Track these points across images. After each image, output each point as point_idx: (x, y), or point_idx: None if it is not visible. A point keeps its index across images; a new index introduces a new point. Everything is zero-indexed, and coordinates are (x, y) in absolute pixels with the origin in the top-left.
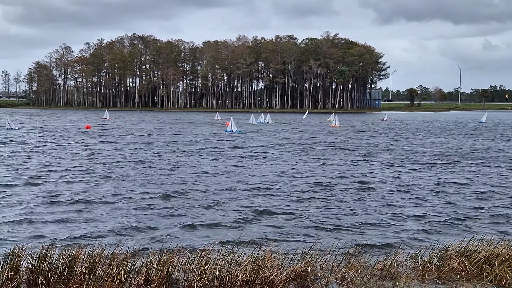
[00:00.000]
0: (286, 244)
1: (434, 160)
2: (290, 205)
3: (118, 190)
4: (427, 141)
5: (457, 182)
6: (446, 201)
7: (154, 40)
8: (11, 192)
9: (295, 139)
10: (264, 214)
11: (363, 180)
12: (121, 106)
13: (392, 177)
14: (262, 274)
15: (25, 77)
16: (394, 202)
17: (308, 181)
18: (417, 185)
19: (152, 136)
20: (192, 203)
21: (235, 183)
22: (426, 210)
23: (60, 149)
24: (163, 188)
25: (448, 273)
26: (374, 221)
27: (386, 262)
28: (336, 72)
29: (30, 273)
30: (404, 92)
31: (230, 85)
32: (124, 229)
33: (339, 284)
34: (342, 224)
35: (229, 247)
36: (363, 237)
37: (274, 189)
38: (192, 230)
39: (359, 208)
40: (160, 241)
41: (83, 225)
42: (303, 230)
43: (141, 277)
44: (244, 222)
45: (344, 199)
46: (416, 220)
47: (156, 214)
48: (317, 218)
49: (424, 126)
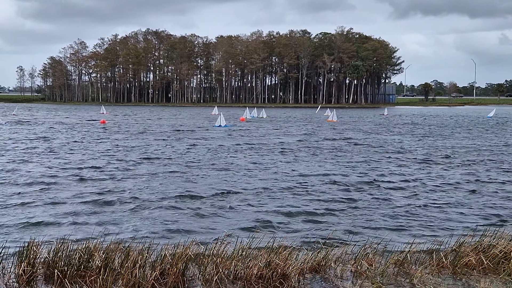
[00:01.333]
0: (301, 239)
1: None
2: (303, 200)
3: (133, 186)
4: (415, 140)
5: (474, 179)
6: (462, 196)
7: (168, 35)
8: (22, 190)
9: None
10: (278, 208)
11: (375, 175)
12: (135, 101)
13: (402, 173)
14: (277, 268)
15: (40, 73)
16: (409, 198)
17: (322, 178)
18: (431, 181)
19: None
20: (205, 198)
21: (248, 179)
22: (442, 205)
23: (79, 145)
24: (175, 184)
25: (464, 268)
26: (389, 216)
27: (401, 256)
28: (350, 67)
29: (46, 267)
30: (418, 86)
31: (244, 80)
32: (139, 223)
33: (353, 277)
34: (356, 219)
35: (243, 241)
36: (378, 231)
37: (287, 185)
38: (205, 224)
39: (373, 203)
40: (174, 235)
41: (99, 219)
42: (317, 224)
43: (157, 271)
44: (257, 216)
45: (358, 195)
46: (432, 215)
47: (170, 208)
48: (331, 212)
49: (421, 120)
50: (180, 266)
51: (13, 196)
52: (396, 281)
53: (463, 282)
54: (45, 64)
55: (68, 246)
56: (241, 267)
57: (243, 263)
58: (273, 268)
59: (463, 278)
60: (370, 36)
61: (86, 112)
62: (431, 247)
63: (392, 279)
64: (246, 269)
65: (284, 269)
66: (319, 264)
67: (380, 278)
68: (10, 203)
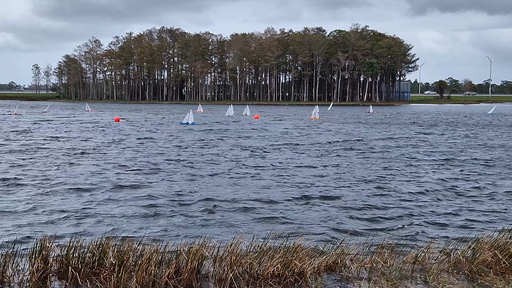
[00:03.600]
0: (317, 237)
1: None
2: (318, 198)
3: (146, 184)
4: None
5: (488, 179)
6: (480, 196)
7: (182, 33)
8: (31, 186)
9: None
10: (292, 207)
11: (388, 174)
12: (149, 99)
13: (415, 173)
14: (293, 266)
15: (55, 71)
16: (422, 196)
17: (336, 176)
18: (445, 180)
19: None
20: (218, 196)
21: (260, 177)
22: (458, 204)
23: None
24: (185, 181)
25: (480, 267)
26: (405, 215)
27: (417, 254)
28: (364, 65)
29: (59, 265)
30: (433, 84)
31: (258, 77)
32: (152, 220)
33: (369, 274)
34: (372, 218)
35: (259, 240)
36: (394, 230)
37: (300, 183)
38: (220, 222)
39: (388, 202)
40: (188, 233)
41: (112, 217)
42: (333, 223)
43: (171, 268)
44: (272, 215)
45: (372, 193)
46: (450, 214)
47: (184, 206)
48: (347, 211)
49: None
50: (195, 264)
51: (25, 193)
52: (411, 277)
53: (479, 283)
54: (60, 62)
55: (81, 244)
56: (256, 265)
57: (258, 262)
58: (289, 266)
59: (479, 278)
60: (384, 33)
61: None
62: (447, 246)
63: (408, 276)
64: (261, 267)
65: (301, 267)
66: (334, 263)
67: (395, 275)
68: (22, 200)
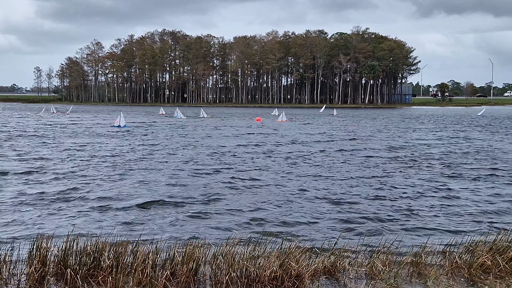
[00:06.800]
0: (313, 239)
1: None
2: (315, 200)
3: (141, 185)
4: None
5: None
6: (478, 198)
7: (184, 35)
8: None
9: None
10: (290, 210)
11: (382, 176)
12: (151, 102)
13: (411, 176)
14: (290, 269)
15: (57, 73)
16: (421, 199)
17: (333, 178)
18: (442, 183)
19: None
20: (214, 197)
21: (255, 179)
22: (455, 206)
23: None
24: (180, 182)
25: (479, 270)
26: (402, 218)
27: (415, 257)
28: (366, 67)
29: (57, 266)
30: (435, 86)
31: (260, 80)
32: (148, 222)
33: (367, 278)
34: (370, 220)
35: (255, 242)
36: (392, 233)
37: (293, 185)
38: (216, 224)
39: (386, 206)
40: (185, 234)
41: (108, 218)
42: (329, 225)
43: (168, 270)
44: (269, 218)
45: (369, 196)
46: (448, 217)
47: (179, 207)
48: (344, 214)
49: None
50: (192, 265)
51: (23, 193)
52: (410, 282)
53: (478, 286)
54: (62, 64)
55: (78, 245)
56: (253, 268)
57: (255, 264)
58: (287, 269)
59: (478, 281)
60: (386, 36)
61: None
62: (445, 248)
63: (407, 280)
64: (259, 270)
65: (298, 270)
66: (333, 266)
67: (394, 280)
68: (21, 200)
